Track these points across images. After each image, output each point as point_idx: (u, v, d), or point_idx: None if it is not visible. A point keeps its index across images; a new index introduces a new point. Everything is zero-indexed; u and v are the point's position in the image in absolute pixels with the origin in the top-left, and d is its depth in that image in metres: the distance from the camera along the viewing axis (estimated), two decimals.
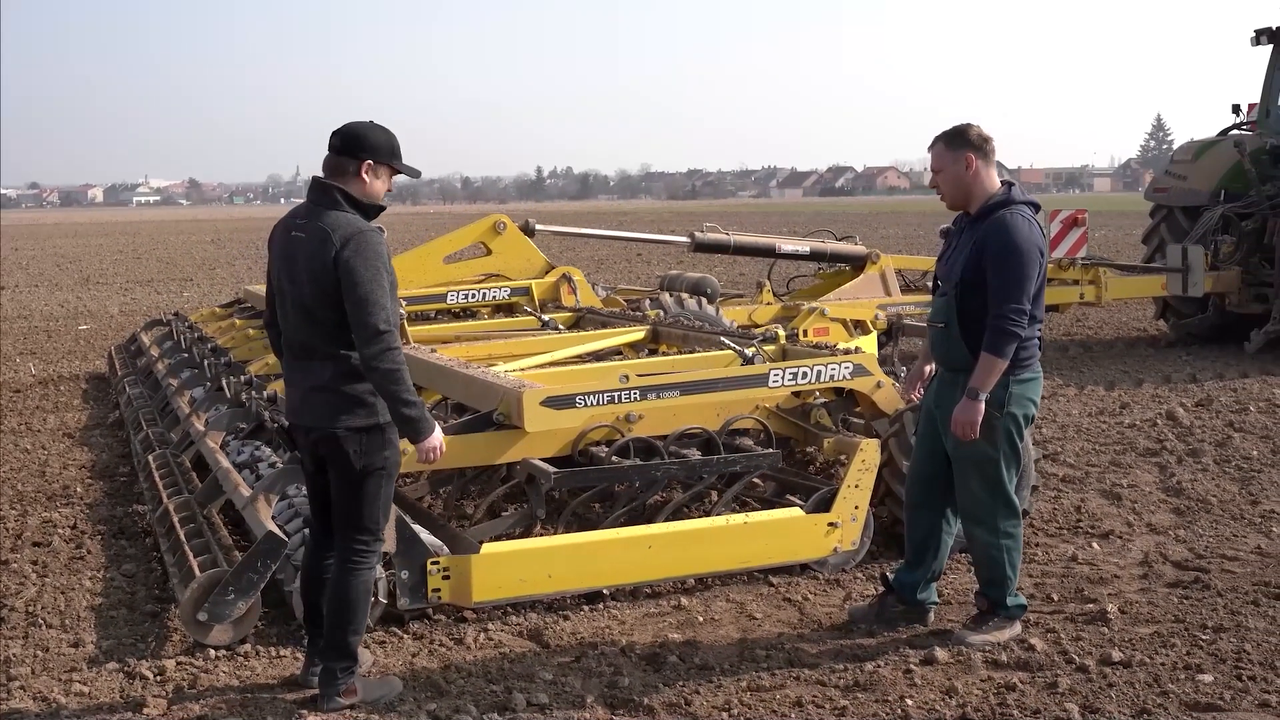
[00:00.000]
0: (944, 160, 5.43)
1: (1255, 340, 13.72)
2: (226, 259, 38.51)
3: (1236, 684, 4.90)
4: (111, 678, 5.24)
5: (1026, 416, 5.47)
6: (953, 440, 5.41)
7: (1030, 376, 5.42)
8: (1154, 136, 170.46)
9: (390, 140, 4.91)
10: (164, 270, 33.76)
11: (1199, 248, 13.80)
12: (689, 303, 10.98)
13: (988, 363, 5.24)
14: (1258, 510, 7.51)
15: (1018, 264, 5.24)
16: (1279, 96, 15.27)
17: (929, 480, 5.68)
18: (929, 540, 5.71)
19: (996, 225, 5.32)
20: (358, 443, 4.75)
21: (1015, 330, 5.21)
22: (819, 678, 5.10)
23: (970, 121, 5.48)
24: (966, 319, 5.37)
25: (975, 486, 5.48)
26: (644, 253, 35.82)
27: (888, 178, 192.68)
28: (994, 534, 5.49)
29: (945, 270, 5.58)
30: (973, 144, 5.37)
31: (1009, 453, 5.43)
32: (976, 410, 5.26)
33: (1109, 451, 9.14)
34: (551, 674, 5.18)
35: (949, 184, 5.45)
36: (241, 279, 29.57)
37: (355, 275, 4.63)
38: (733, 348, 7.36)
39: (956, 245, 5.54)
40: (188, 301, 23.69)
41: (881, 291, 12.80)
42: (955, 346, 5.43)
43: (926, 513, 5.70)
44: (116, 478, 9.00)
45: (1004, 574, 5.52)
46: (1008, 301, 5.21)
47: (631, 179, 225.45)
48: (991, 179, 5.41)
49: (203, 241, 50.54)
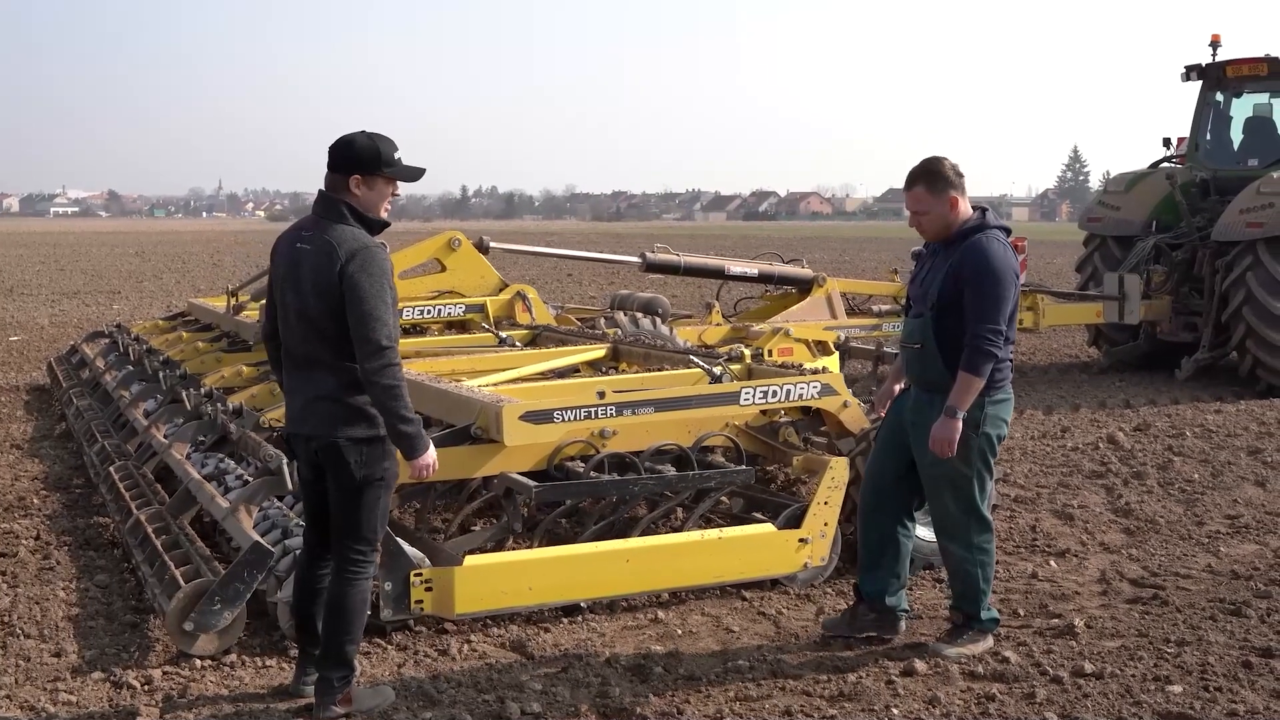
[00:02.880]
0: (928, 203, 5.58)
1: (1186, 368, 14.13)
2: (153, 272, 38.07)
3: (1204, 695, 5.10)
4: (98, 687, 5.25)
5: (999, 436, 5.64)
6: (929, 458, 5.56)
7: (1004, 397, 5.59)
8: (1071, 168, 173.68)
9: (376, 148, 4.88)
10: (90, 282, 33.30)
11: (1135, 276, 14.19)
12: (643, 322, 11.10)
13: (966, 382, 5.40)
14: (1204, 531, 7.77)
15: (995, 286, 5.41)
16: (1208, 131, 15.72)
17: (887, 488, 5.81)
18: (885, 544, 5.82)
19: (974, 249, 5.48)
20: (359, 453, 4.81)
21: (992, 350, 5.38)
22: (803, 688, 5.24)
23: (937, 155, 5.63)
24: (944, 339, 5.52)
25: (949, 503, 5.64)
26: (575, 272, 35.92)
27: (810, 203, 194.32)
28: (968, 549, 5.65)
29: (919, 292, 5.73)
30: (951, 183, 5.54)
31: (982, 470, 5.60)
32: (954, 429, 5.41)
33: (1056, 473, 9.38)
34: (540, 684, 5.27)
35: (933, 223, 5.60)
36: (170, 292, 29.33)
37: (360, 290, 4.70)
38: (702, 366, 7.49)
39: (930, 268, 5.69)
40: (118, 314, 23.39)
41: (828, 314, 13.02)
42: (932, 366, 5.58)
43: (881, 516, 5.82)
44: (71, 489, 8.94)
45: (978, 587, 5.68)
46: (984, 322, 5.37)
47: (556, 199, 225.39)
48: (967, 207, 5.59)
49: (126, 254, 49.84)
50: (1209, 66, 15.38)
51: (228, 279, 33.72)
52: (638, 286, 24.37)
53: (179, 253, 51.12)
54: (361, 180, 4.86)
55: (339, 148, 4.88)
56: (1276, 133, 15.22)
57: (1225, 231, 13.73)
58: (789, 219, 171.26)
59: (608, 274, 35.22)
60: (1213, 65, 15.34)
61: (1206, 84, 15.52)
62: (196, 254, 49.99)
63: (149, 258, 47.02)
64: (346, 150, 4.86)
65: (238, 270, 38.14)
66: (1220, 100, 15.59)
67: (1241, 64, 15.20)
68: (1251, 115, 15.57)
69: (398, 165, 4.96)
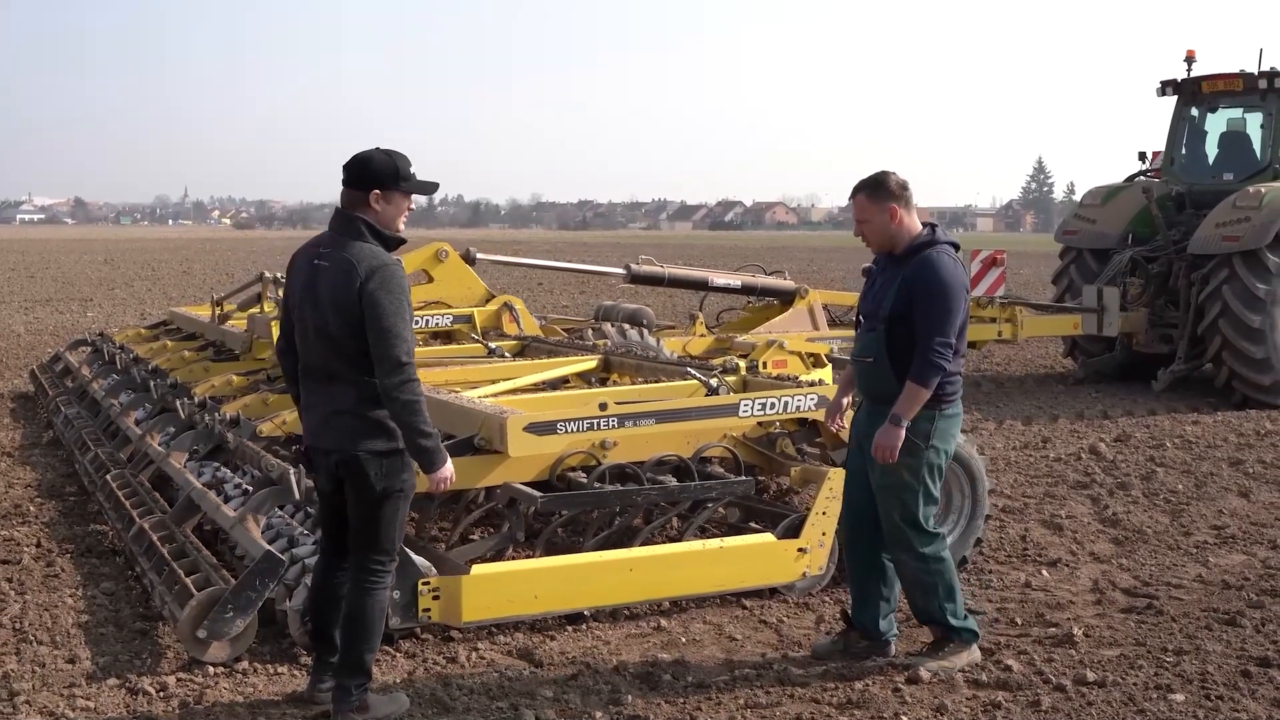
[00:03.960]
0: (868, 212, 5.67)
1: (1162, 379, 14.31)
2: (124, 280, 37.85)
3: (1206, 703, 5.22)
4: (114, 693, 5.29)
5: (947, 451, 5.70)
6: (877, 470, 5.62)
7: (954, 412, 5.66)
8: (1035, 179, 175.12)
9: (394, 165, 4.96)
10: (62, 290, 33.10)
11: (1114, 289, 14.35)
12: (630, 333, 11.18)
13: (912, 391, 5.47)
14: (1191, 541, 7.90)
15: (944, 300, 5.49)
16: (1183, 145, 15.94)
17: (860, 510, 5.85)
18: (870, 570, 5.87)
19: (923, 264, 5.56)
20: (378, 466, 4.87)
21: (941, 363, 5.45)
22: (812, 695, 5.32)
23: (886, 169, 5.71)
24: (895, 353, 5.58)
25: (895, 515, 5.66)
26: (545, 281, 35.94)
27: (776, 213, 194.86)
28: (919, 559, 5.66)
29: (870, 306, 5.78)
30: (893, 194, 5.61)
31: (929, 482, 5.63)
32: (897, 436, 5.47)
33: (1041, 484, 9.51)
34: (552, 691, 5.34)
35: (874, 233, 5.70)
36: (143, 300, 29.22)
37: (380, 308, 4.76)
38: (699, 378, 7.57)
39: (881, 282, 5.76)
40: (93, 321, 23.33)
41: (810, 325, 13.12)
42: (884, 379, 5.63)
43: (861, 545, 5.88)
44: (65, 497, 8.95)
45: (939, 598, 5.69)
46: (934, 335, 5.45)
47: (523, 208, 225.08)
48: (914, 222, 5.66)
49: (95, 261, 49.51)
50: (1184, 81, 15.59)
51: (199, 287, 33.71)
52: (610, 296, 24.48)
53: (148, 260, 50.81)
54: (381, 195, 4.92)
55: (356, 165, 4.95)
56: (1251, 147, 15.43)
57: (1201, 245, 13.91)
58: (755, 228, 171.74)
59: (578, 284, 35.30)
60: (1188, 80, 15.55)
61: (1182, 99, 15.73)
62: (166, 262, 49.72)
63: (118, 265, 46.75)
64: (364, 167, 4.93)
65: (209, 278, 38.03)
66: (1195, 115, 15.79)
67: (1217, 79, 15.41)
68: (1226, 130, 15.80)
69: (414, 180, 5.04)
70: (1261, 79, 14.83)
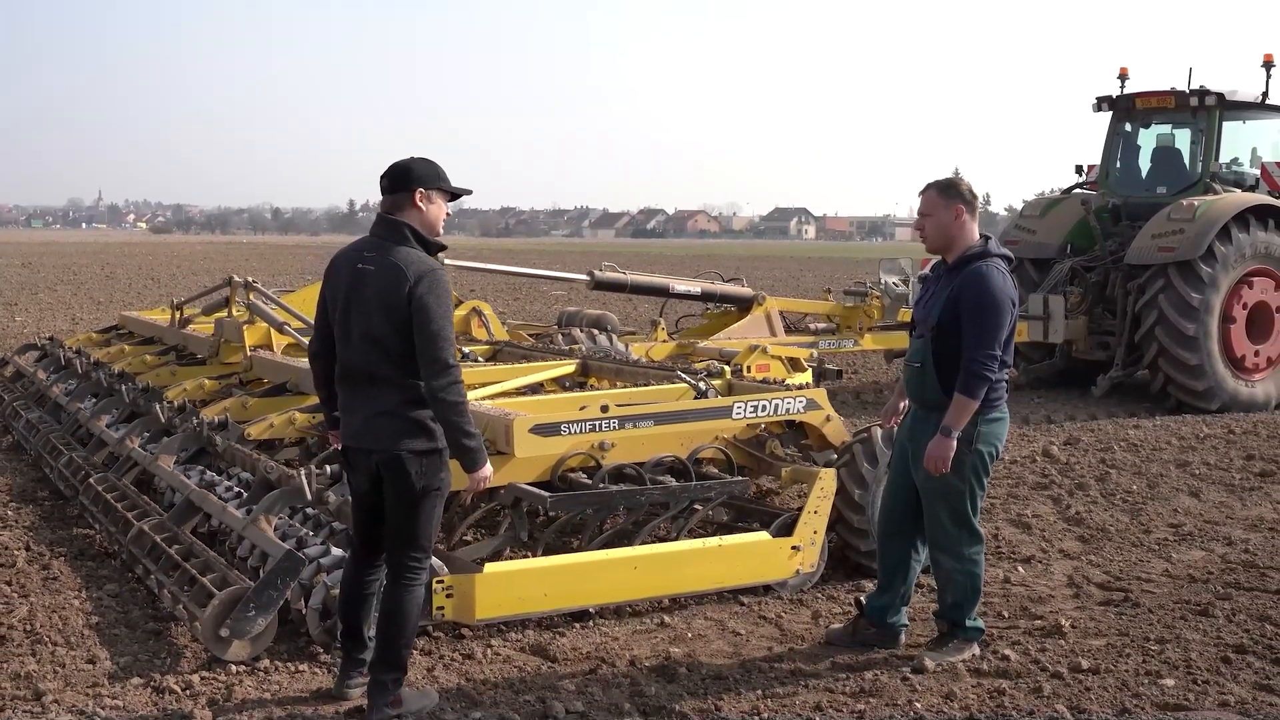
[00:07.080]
0: (935, 207, 5.92)
1: (1101, 385, 14.75)
2: (45, 284, 37.28)
3: (1195, 687, 5.52)
4: (139, 693, 5.37)
5: (992, 453, 5.98)
6: (923, 474, 5.88)
7: (998, 416, 5.92)
8: None
9: (435, 168, 5.22)
10: None
11: (1059, 297, 14.77)
12: (600, 339, 11.36)
13: (961, 403, 5.72)
14: (1152, 538, 8.24)
15: (992, 313, 5.72)
16: (1118, 159, 16.43)
17: (901, 511, 6.12)
18: (899, 567, 6.14)
19: (973, 276, 5.81)
20: (419, 465, 5.02)
21: (987, 374, 5.70)
22: (826, 685, 5.55)
23: (960, 176, 6.01)
24: (941, 361, 5.85)
25: (943, 517, 5.95)
26: (477, 288, 35.93)
27: (698, 221, 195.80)
28: (960, 560, 5.96)
29: (922, 314, 6.06)
30: (964, 198, 5.89)
31: (974, 485, 5.93)
32: (949, 447, 5.73)
33: (1003, 485, 9.83)
34: (574, 685, 5.51)
35: (934, 229, 5.94)
36: (69, 304, 28.86)
37: (429, 312, 4.93)
38: (688, 382, 7.77)
39: (934, 292, 6.03)
40: (24, 326, 23.06)
41: (767, 332, 13.40)
42: (930, 386, 5.91)
43: (899, 541, 6.14)
44: (41, 502, 8.94)
45: (966, 598, 6.00)
46: (981, 347, 5.69)
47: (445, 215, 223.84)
48: (973, 231, 5.93)
49: (13, 264, 48.74)
50: (1119, 98, 16.07)
51: (124, 292, 33.36)
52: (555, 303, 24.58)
53: (67, 264, 50.06)
54: (424, 194, 5.11)
55: (399, 171, 5.13)
56: (1182, 161, 15.94)
57: (1138, 255, 14.36)
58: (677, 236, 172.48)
59: (510, 289, 35.41)
60: (1122, 97, 16.04)
61: (1116, 115, 16.22)
62: (86, 266, 49.03)
63: (37, 269, 46.02)
64: (407, 172, 5.13)
65: (134, 283, 37.63)
66: (1129, 130, 16.29)
67: (1150, 96, 15.90)
68: (1158, 145, 16.31)
69: (450, 183, 5.24)
70: (1192, 96, 15.32)
